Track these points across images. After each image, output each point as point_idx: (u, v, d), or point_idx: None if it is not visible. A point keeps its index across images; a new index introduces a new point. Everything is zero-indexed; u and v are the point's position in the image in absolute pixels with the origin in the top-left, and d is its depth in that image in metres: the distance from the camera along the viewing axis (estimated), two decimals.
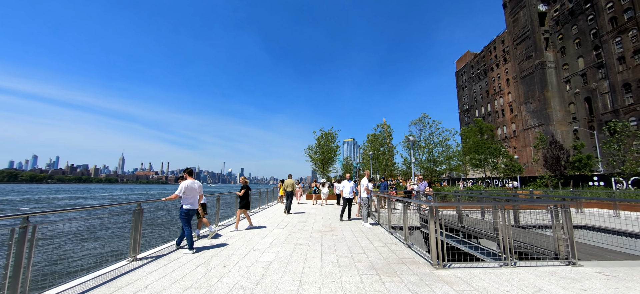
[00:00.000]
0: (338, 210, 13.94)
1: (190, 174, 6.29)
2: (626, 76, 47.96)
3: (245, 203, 8.85)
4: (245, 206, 8.85)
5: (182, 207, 5.88)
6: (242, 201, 8.84)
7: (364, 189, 9.25)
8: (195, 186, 6.21)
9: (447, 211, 11.89)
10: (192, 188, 6.10)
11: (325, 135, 33.79)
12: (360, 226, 9.11)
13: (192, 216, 6.08)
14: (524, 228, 8.54)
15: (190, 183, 6.07)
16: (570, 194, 15.17)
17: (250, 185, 10.41)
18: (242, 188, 8.97)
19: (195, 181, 6.28)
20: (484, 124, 32.36)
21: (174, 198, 5.85)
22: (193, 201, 6.06)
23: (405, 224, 6.42)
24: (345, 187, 10.50)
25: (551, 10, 63.05)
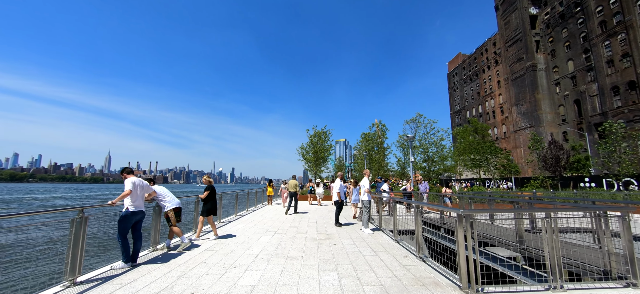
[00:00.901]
0: (334, 212, 12.84)
1: (130, 172, 5.11)
2: (615, 79, 48.66)
3: (211, 208, 7.15)
4: (211, 212, 7.13)
5: (127, 209, 4.69)
6: (205, 205, 7.17)
7: (365, 190, 8.19)
8: (143, 184, 5.10)
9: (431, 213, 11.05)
10: (141, 186, 4.98)
11: (318, 134, 32.67)
12: (360, 232, 8.04)
13: (137, 222, 4.90)
14: None
15: (137, 180, 4.92)
16: (574, 195, 14.49)
17: (241, 185, 9.23)
18: (205, 189, 7.34)
19: (142, 180, 5.10)
20: (479, 124, 31.94)
21: (127, 195, 4.65)
22: (140, 203, 4.92)
23: (418, 233, 5.36)
24: (335, 187, 9.50)
25: (542, 13, 63.80)
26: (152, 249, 5.73)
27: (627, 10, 46.52)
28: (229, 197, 12.19)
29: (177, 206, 5.94)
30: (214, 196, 7.36)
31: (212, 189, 7.35)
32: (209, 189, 7.32)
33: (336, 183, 9.51)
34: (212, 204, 7.22)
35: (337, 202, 9.29)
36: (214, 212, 7.23)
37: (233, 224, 9.29)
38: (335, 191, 9.36)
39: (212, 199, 7.27)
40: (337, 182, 9.52)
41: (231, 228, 8.57)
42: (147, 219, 6.00)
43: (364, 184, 8.18)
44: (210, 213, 7.12)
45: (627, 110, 46.84)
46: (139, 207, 4.81)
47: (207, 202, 7.20)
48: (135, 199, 4.74)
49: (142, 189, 4.94)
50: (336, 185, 9.45)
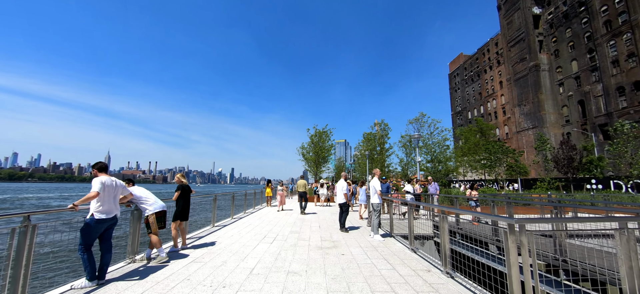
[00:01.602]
0: (337, 214, 11.96)
1: (102, 170, 4.16)
2: (620, 79, 47.88)
3: (180, 212, 6.02)
4: (181, 217, 6.02)
5: (92, 215, 3.80)
6: (176, 209, 6.07)
7: (375, 192, 7.32)
8: (115, 185, 4.16)
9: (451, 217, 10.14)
10: (113, 187, 4.06)
11: (319, 133, 31.77)
12: (369, 239, 7.18)
13: (106, 231, 4.02)
14: None
15: (108, 180, 4.01)
16: (591, 197, 13.66)
17: (240, 186, 8.39)
18: (177, 189, 6.17)
19: (115, 180, 4.20)
20: (484, 124, 31.09)
21: (93, 198, 3.76)
22: (109, 207, 3.99)
23: (444, 243, 4.49)
24: (338, 188, 8.65)
25: (545, 13, 63.11)
26: (129, 261, 4.86)
27: (633, 9, 45.77)
28: (225, 199, 11.33)
29: (160, 209, 5.05)
30: (186, 197, 6.24)
31: (183, 189, 6.18)
32: (180, 189, 6.14)
33: (340, 184, 8.65)
34: (183, 208, 6.08)
35: (342, 204, 8.42)
36: (183, 217, 6.10)
37: (228, 229, 8.42)
38: (341, 192, 8.49)
39: (183, 201, 6.14)
40: (341, 182, 8.65)
41: (225, 234, 7.69)
42: (124, 226, 5.13)
43: (375, 185, 7.30)
44: (177, 218, 5.97)
45: (632, 111, 46.05)
46: (108, 213, 3.91)
47: (177, 205, 6.09)
48: (103, 202, 3.86)
49: (113, 191, 4.06)
50: (340, 186, 8.59)
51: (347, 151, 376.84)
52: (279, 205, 14.08)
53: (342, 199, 8.42)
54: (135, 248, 4.99)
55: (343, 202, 8.41)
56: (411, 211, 6.14)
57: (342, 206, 8.43)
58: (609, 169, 21.62)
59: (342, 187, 8.51)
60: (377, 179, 7.47)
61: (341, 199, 8.43)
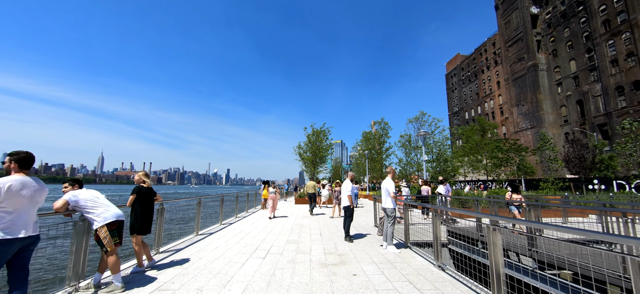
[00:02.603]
0: (341, 220, 10.74)
1: (23, 163, 2.91)
2: (619, 79, 47.57)
3: (137, 223, 4.51)
4: (139, 230, 4.49)
5: None
6: (132, 217, 4.58)
7: (388, 195, 6.14)
8: (27, 188, 2.83)
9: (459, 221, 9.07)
10: (17, 194, 2.72)
11: (316, 132, 30.53)
12: (382, 250, 6.00)
13: (19, 255, 2.75)
14: None
15: (19, 182, 2.75)
16: (610, 198, 12.66)
17: (236, 186, 7.20)
18: (133, 192, 4.64)
19: (34, 181, 2.95)
20: (486, 123, 30.20)
21: None
22: (22, 222, 2.71)
23: (496, 267, 3.32)
24: (344, 190, 7.45)
25: (543, 12, 62.85)
26: (69, 289, 3.61)
27: (632, 8, 45.47)
28: (214, 202, 10.05)
29: (114, 219, 3.79)
30: (146, 204, 4.64)
31: (142, 193, 4.66)
32: (137, 192, 4.61)
33: (346, 184, 7.45)
34: (142, 217, 4.54)
35: (346, 208, 7.25)
36: (144, 230, 4.54)
37: (214, 238, 7.17)
38: (345, 194, 7.29)
39: (142, 208, 4.59)
40: (347, 183, 7.46)
41: (209, 245, 6.44)
42: (63, 243, 3.87)
43: (389, 187, 6.12)
44: (133, 231, 4.49)
45: (632, 110, 45.70)
46: (19, 231, 2.66)
47: (132, 213, 4.58)
48: (12, 215, 2.61)
49: (29, 198, 2.80)
50: (346, 187, 7.40)
51: (344, 152, 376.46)
52: (270, 211, 11.66)
53: (346, 202, 7.25)
54: (80, 271, 3.74)
55: (348, 206, 7.25)
56: (436, 217, 4.98)
57: (347, 210, 7.26)
58: (619, 168, 20.85)
59: (347, 188, 7.33)
60: (390, 179, 6.29)
61: (346, 202, 7.26)
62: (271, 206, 11.75)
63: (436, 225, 4.94)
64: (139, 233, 4.47)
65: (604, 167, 20.55)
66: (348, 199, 7.22)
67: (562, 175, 33.28)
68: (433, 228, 5.04)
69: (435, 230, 4.97)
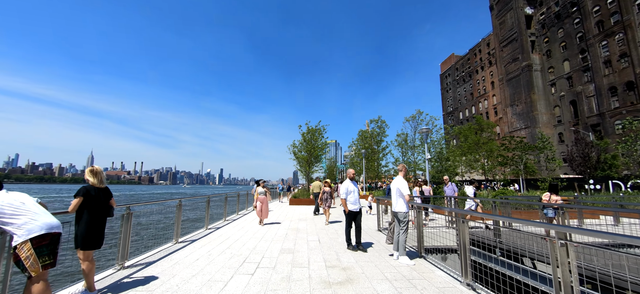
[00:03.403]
0: (342, 225, 9.81)
1: None
2: (612, 80, 47.91)
3: (85, 234, 3.47)
4: (86, 244, 3.47)
5: None
6: (77, 227, 3.54)
7: (400, 196, 5.23)
8: None
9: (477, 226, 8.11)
10: None
11: (311, 131, 29.50)
12: (394, 262, 5.09)
13: None
14: None
15: None
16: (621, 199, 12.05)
17: (229, 187, 6.27)
18: (77, 193, 3.54)
19: None
20: (484, 122, 29.69)
21: None
22: None
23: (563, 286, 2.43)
24: (353, 192, 6.38)
25: (537, 13, 63.16)
26: None
27: (625, 9, 45.79)
28: (205, 204, 9.00)
29: (45, 232, 2.78)
30: (96, 209, 3.59)
31: (91, 195, 3.57)
32: (82, 194, 3.52)
33: (346, 184, 6.51)
34: (90, 227, 3.50)
35: (349, 214, 6.29)
36: (92, 243, 3.51)
37: (195, 247, 6.15)
38: (349, 195, 6.33)
39: (91, 215, 3.53)
40: (347, 183, 6.53)
41: (189, 256, 5.42)
42: None
43: (401, 187, 5.21)
44: (78, 244, 3.45)
45: (625, 111, 46.03)
46: None
47: (79, 222, 3.52)
48: None
49: None
50: (346, 187, 6.45)
51: (338, 152, 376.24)
52: (259, 217, 9.59)
53: (354, 206, 6.31)
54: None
55: (355, 210, 6.29)
56: (464, 224, 4.08)
57: (349, 215, 6.29)
58: (621, 167, 20.49)
59: (348, 189, 6.39)
60: (402, 178, 5.38)
61: (353, 206, 6.31)
62: (259, 210, 9.52)
63: (463, 233, 4.05)
64: (85, 247, 3.44)
65: (607, 166, 20.18)
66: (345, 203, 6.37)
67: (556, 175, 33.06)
68: (459, 236, 4.15)
69: (462, 238, 4.08)
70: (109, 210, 3.82)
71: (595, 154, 19.13)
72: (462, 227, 4.07)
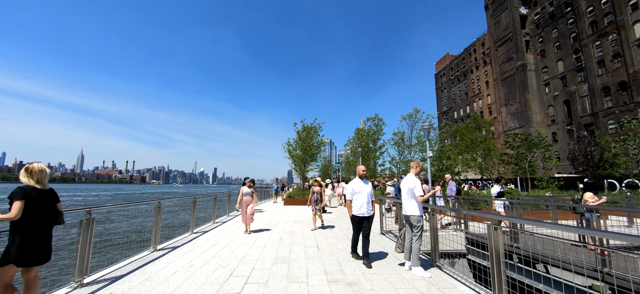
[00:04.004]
0: (343, 230, 9.09)
1: None
2: (606, 80, 48.29)
3: (20, 246, 2.66)
4: (23, 260, 2.67)
5: None
6: (13, 237, 2.68)
7: (413, 198, 4.50)
8: None
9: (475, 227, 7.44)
10: None
11: (307, 129, 28.65)
12: (406, 274, 4.37)
13: None
14: None
15: None
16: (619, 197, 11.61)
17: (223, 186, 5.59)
18: (13, 195, 2.70)
19: None
20: (482, 121, 29.32)
21: None
22: None
23: None
24: (360, 193, 5.14)
25: (532, 13, 63.44)
26: None
27: (619, 10, 46.12)
28: (188, 207, 8.16)
29: None
30: (37, 216, 2.81)
31: (31, 198, 2.78)
32: (21, 196, 2.72)
33: (352, 184, 5.33)
34: (29, 237, 2.73)
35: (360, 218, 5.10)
36: (32, 259, 2.74)
37: (175, 256, 5.34)
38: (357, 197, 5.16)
39: (29, 223, 2.75)
40: (354, 182, 5.32)
41: (165, 268, 4.61)
42: None
43: (413, 186, 4.48)
44: (9, 259, 2.65)
45: (618, 111, 46.42)
46: None
47: (15, 231, 2.70)
48: None
49: None
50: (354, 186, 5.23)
51: (333, 151, 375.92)
52: (244, 224, 7.86)
53: (366, 211, 5.05)
54: None
55: (368, 215, 5.07)
56: (498, 231, 3.38)
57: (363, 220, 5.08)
58: (623, 166, 20.24)
59: (354, 189, 5.29)
60: (414, 176, 4.66)
61: (366, 211, 5.05)
62: (245, 216, 7.76)
63: (497, 243, 3.34)
64: (24, 262, 2.63)
65: (608, 165, 19.93)
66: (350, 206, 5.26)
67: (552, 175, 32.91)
68: (491, 246, 3.43)
69: (495, 249, 3.36)
70: (56, 217, 3.02)
71: (598, 153, 18.84)
72: (494, 235, 3.36)
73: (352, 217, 5.19)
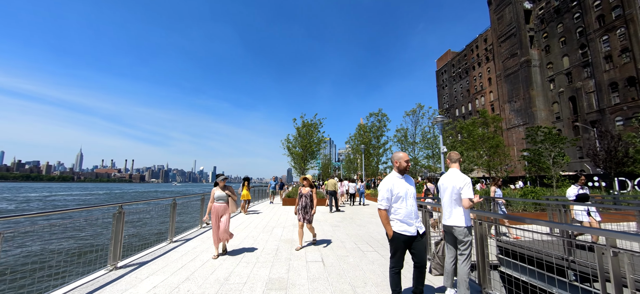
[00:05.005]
0: (351, 237, 7.82)
1: None
2: (613, 75, 47.06)
3: None
4: None
5: None
6: None
7: (458, 204, 3.23)
8: None
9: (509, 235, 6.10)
10: None
11: (306, 125, 27.38)
12: None
13: None
14: None
15: None
16: None
17: None
18: None
19: None
20: (490, 116, 28.10)
21: None
22: None
23: None
24: (404, 197, 3.12)
25: (536, 8, 62.08)
26: None
27: (627, 3, 44.86)
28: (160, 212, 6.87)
29: None
30: None
31: None
32: None
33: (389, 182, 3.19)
34: None
35: (398, 239, 3.06)
36: None
37: (138, 276, 4.07)
38: (403, 204, 3.13)
39: None
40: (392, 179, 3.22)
41: None
42: None
43: (462, 185, 3.21)
44: None
45: (626, 107, 45.24)
46: None
47: None
48: None
49: None
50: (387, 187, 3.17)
51: (332, 149, 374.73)
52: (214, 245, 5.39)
53: (414, 226, 3.08)
54: None
55: (410, 233, 3.05)
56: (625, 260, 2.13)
57: (405, 240, 3.05)
58: None
59: (392, 189, 3.16)
60: (459, 171, 3.40)
61: (411, 224, 3.07)
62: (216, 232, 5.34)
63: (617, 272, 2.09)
64: None
65: (631, 162, 18.67)
66: (386, 218, 3.11)
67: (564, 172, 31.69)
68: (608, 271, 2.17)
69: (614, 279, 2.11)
70: None
71: (623, 149, 17.61)
72: (614, 262, 2.10)
73: (394, 238, 3.05)
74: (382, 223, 3.15)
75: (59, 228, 5.89)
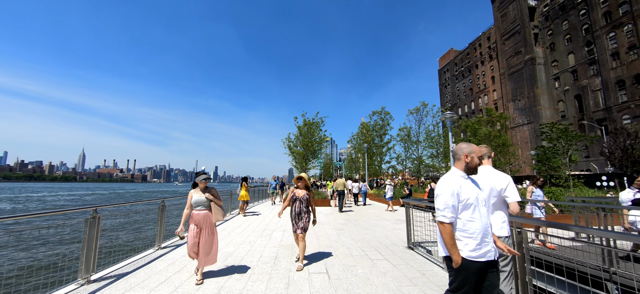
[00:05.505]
0: (357, 241, 7.20)
1: None
2: (620, 73, 46.15)
3: None
4: None
5: None
6: None
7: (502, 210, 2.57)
8: None
9: None
10: None
11: (308, 124, 26.72)
12: None
13: None
14: None
15: None
16: None
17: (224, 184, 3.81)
18: None
19: None
20: (495, 114, 27.45)
21: None
22: None
23: None
24: (475, 205, 2.20)
25: (541, 5, 61.15)
26: None
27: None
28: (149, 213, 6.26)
29: None
30: None
31: None
32: None
33: (454, 183, 2.26)
34: None
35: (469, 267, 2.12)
36: None
37: (115, 289, 3.50)
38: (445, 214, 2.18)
39: None
40: (459, 179, 2.30)
41: None
42: None
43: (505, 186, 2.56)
44: None
45: (633, 105, 44.36)
46: None
47: None
48: None
49: None
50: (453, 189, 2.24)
51: (333, 149, 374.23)
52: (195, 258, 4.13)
53: (490, 249, 2.18)
54: None
55: (486, 258, 2.15)
56: None
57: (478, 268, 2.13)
58: None
59: (467, 194, 2.22)
60: (493, 168, 2.76)
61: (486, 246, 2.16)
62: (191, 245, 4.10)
63: None
64: None
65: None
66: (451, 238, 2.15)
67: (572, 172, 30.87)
68: None
69: None
70: None
71: (639, 147, 16.89)
72: None
73: (463, 267, 2.12)
74: (446, 244, 2.12)
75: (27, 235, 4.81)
